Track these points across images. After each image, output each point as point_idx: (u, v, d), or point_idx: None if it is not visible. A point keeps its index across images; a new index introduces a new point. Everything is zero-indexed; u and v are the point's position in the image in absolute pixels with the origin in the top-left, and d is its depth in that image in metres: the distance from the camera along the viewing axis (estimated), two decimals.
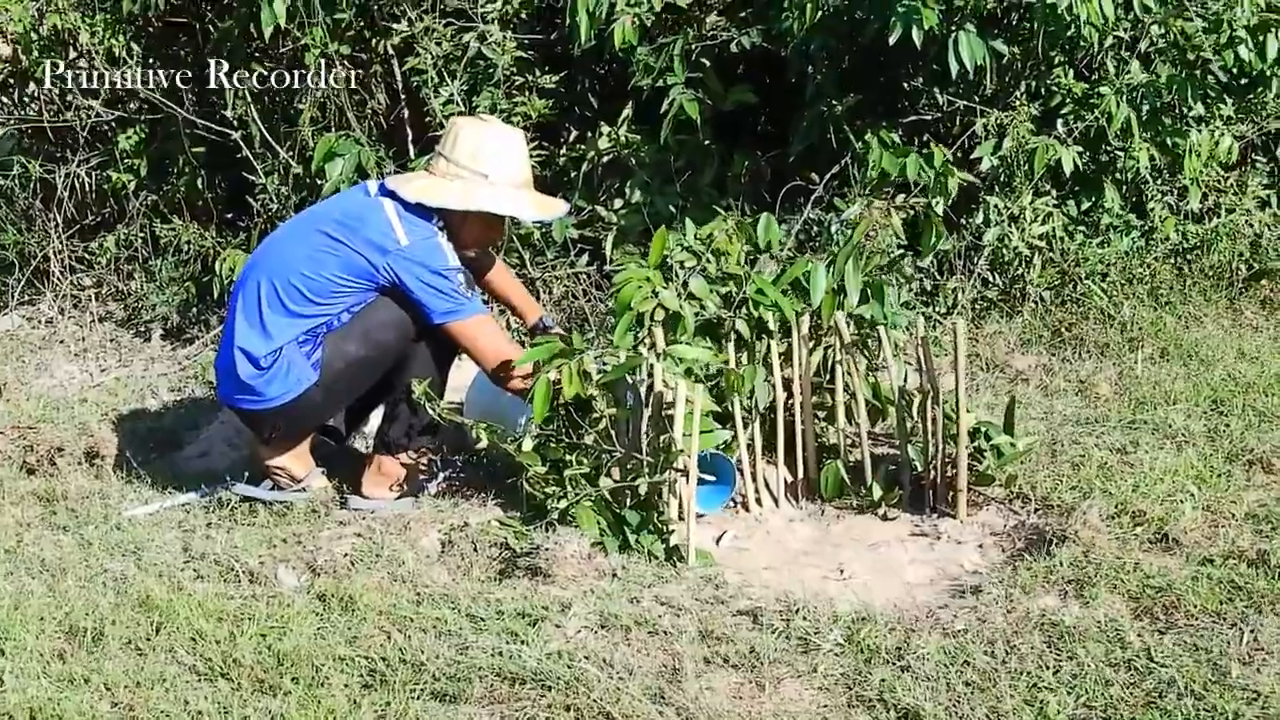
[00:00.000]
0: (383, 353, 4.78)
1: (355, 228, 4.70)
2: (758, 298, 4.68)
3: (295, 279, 4.71)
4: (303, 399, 4.78)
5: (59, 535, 4.72)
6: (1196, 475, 4.66)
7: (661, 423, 4.38)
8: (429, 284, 4.65)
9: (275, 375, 4.74)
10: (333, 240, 4.70)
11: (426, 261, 4.65)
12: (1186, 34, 6.30)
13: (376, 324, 4.75)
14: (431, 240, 4.69)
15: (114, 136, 7.54)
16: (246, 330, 4.78)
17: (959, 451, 4.54)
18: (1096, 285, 6.27)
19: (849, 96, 6.32)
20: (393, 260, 4.65)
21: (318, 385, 4.76)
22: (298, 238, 4.83)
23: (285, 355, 4.73)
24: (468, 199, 4.72)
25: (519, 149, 4.87)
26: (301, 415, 4.85)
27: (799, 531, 4.68)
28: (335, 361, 4.76)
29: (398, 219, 4.70)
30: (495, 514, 4.65)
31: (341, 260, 4.68)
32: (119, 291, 7.69)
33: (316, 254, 4.71)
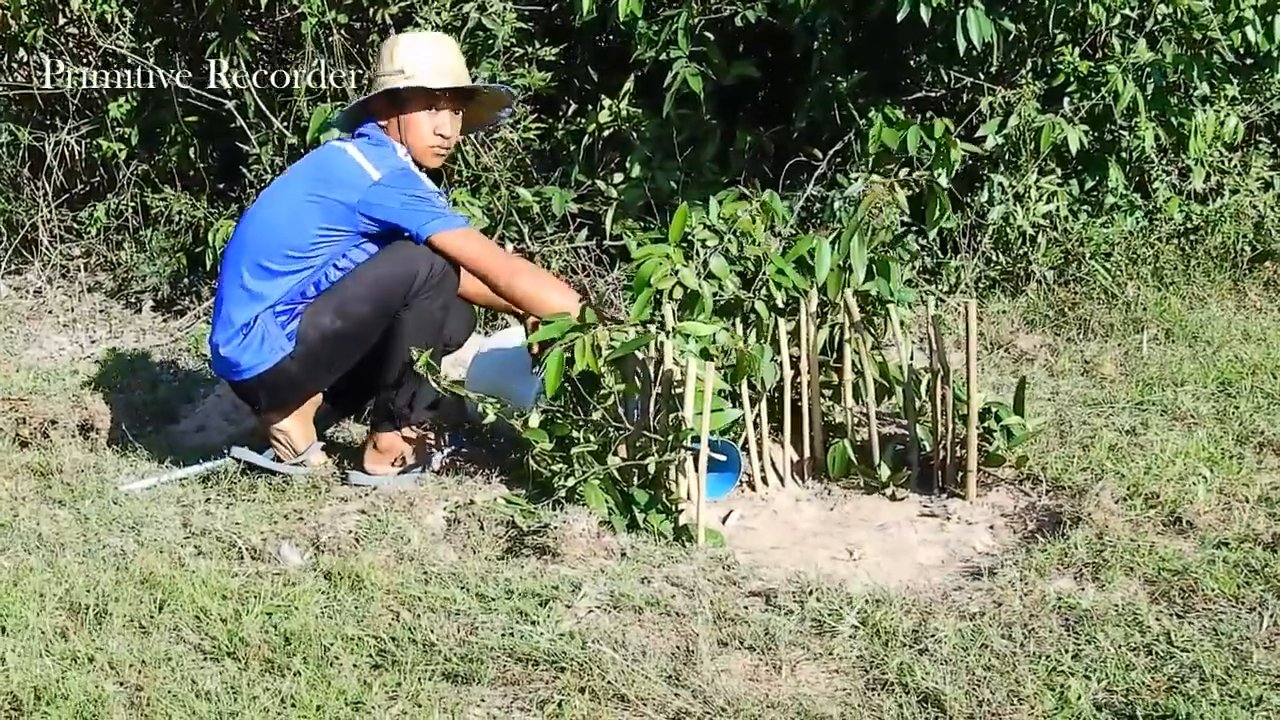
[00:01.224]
0: (359, 325, 4.72)
1: (327, 176, 4.70)
2: (778, 278, 4.63)
3: (278, 240, 4.69)
4: (278, 371, 4.73)
5: (55, 510, 4.66)
6: (1208, 457, 4.62)
7: (671, 401, 4.32)
8: (408, 205, 4.63)
9: (249, 345, 4.71)
10: (311, 196, 4.68)
11: (403, 186, 4.65)
12: (1193, 13, 6.25)
13: (351, 296, 4.70)
14: (402, 167, 4.70)
15: (105, 104, 7.46)
16: (232, 301, 4.76)
17: (969, 432, 4.49)
18: (1100, 265, 6.23)
19: (854, 73, 6.26)
20: (370, 194, 4.63)
21: (293, 358, 4.71)
22: (277, 203, 4.80)
23: (261, 323, 4.70)
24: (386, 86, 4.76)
25: (438, 47, 4.90)
26: (280, 388, 4.80)
27: (806, 511, 4.63)
28: (310, 333, 4.71)
29: (363, 156, 4.70)
30: (500, 491, 4.59)
31: (322, 210, 4.66)
32: (108, 261, 7.64)
33: (298, 212, 4.69)
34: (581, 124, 6.68)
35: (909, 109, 6.41)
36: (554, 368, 4.33)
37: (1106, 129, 6.46)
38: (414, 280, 4.66)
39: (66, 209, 7.74)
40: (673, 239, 4.60)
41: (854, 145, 6.27)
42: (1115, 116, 6.31)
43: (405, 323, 4.72)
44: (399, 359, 4.71)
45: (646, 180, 6.50)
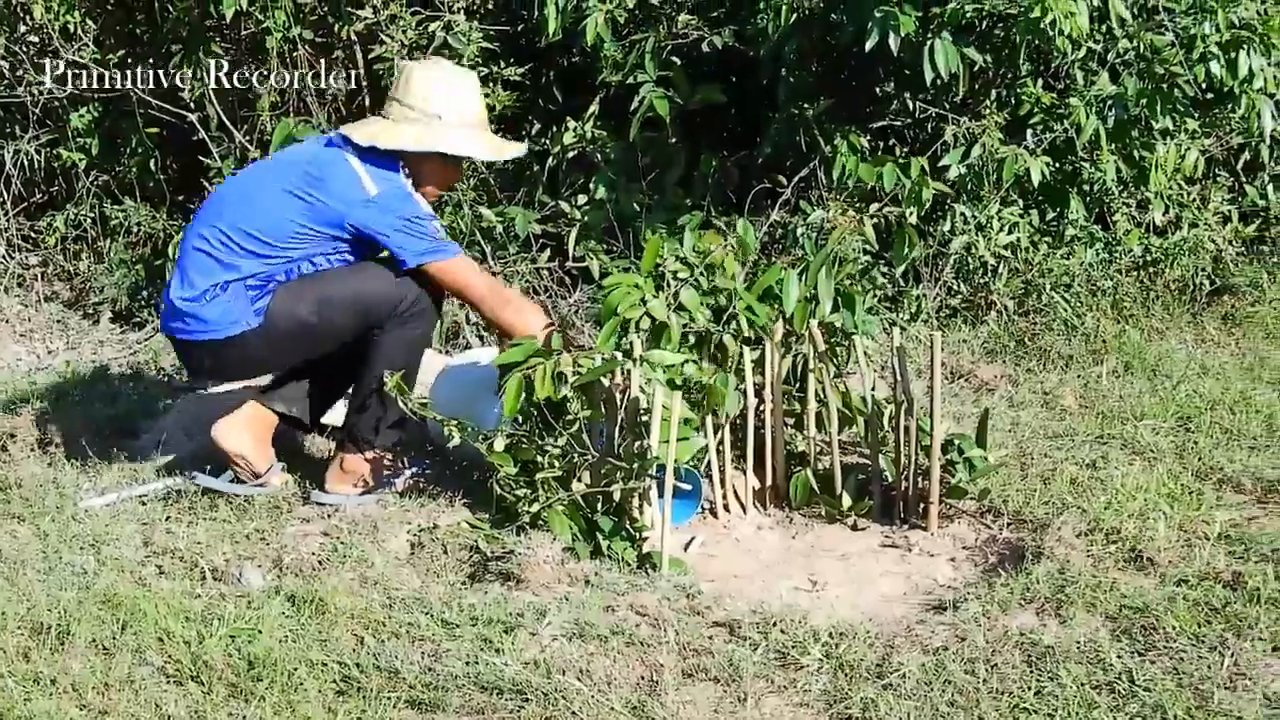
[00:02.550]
0: (331, 329, 4.70)
1: (320, 180, 4.64)
2: (748, 315, 4.64)
3: (254, 226, 4.63)
4: (236, 341, 4.66)
5: (14, 525, 4.63)
6: (1168, 493, 4.65)
7: (637, 428, 4.33)
8: (403, 229, 4.61)
9: (213, 305, 4.63)
10: (297, 193, 4.63)
11: (399, 210, 4.62)
12: (1156, 47, 6.30)
13: (333, 297, 4.67)
14: (401, 189, 4.66)
15: (66, 114, 7.42)
16: (196, 265, 4.68)
17: (932, 464, 4.51)
18: (1061, 296, 6.27)
19: (819, 100, 6.29)
20: (363, 211, 4.61)
21: (255, 333, 4.65)
22: (258, 187, 4.74)
23: (231, 290, 4.64)
24: (421, 140, 4.69)
25: (472, 89, 4.83)
26: (231, 359, 4.75)
27: (768, 540, 4.64)
28: (281, 317, 4.66)
29: (364, 170, 4.65)
30: (464, 515, 4.58)
31: (307, 209, 4.62)
32: (66, 272, 7.59)
33: (279, 204, 4.64)
34: (546, 145, 6.68)
35: (873, 137, 6.44)
36: (513, 392, 4.34)
37: (1068, 160, 6.50)
38: (397, 304, 4.66)
39: (24, 218, 7.69)
40: (644, 269, 4.61)
41: (818, 172, 6.29)
42: (1077, 149, 6.35)
43: (382, 345, 4.70)
44: (372, 381, 4.69)
45: (610, 202, 6.50)
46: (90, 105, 7.41)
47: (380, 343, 4.71)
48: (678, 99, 6.40)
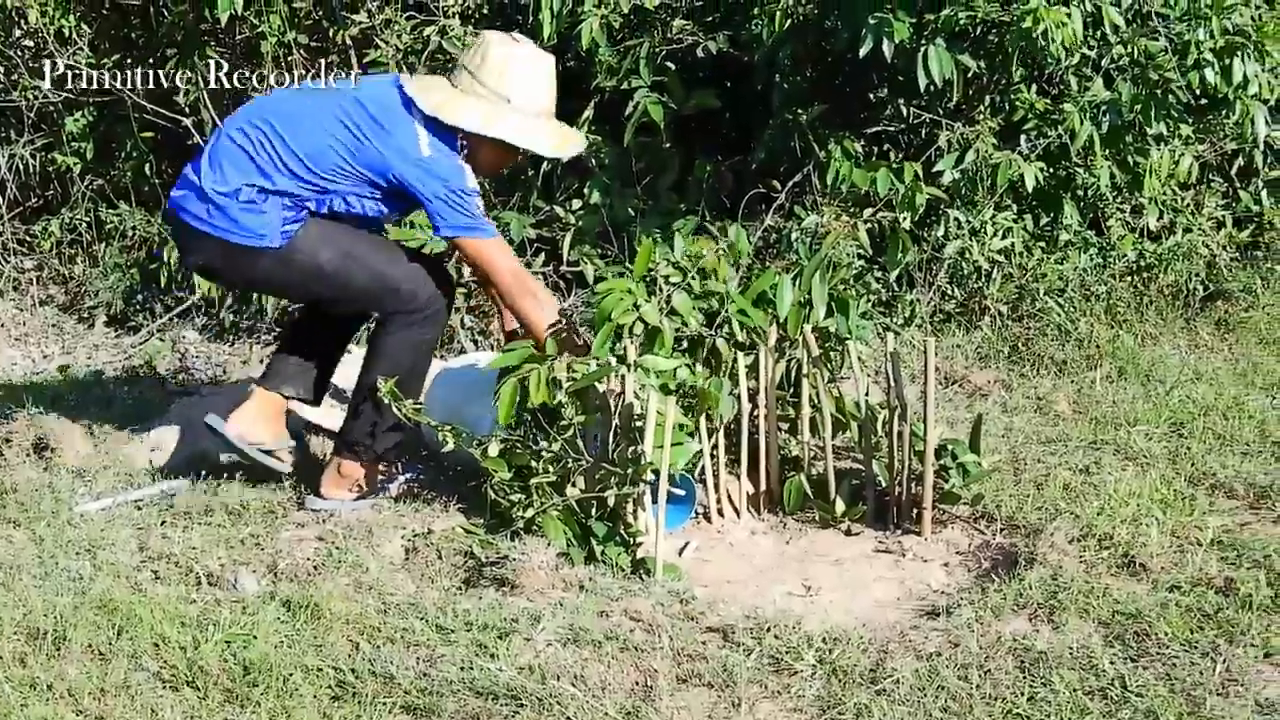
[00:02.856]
0: (338, 287, 4.70)
1: (380, 127, 4.60)
2: (740, 318, 4.65)
3: (299, 147, 4.60)
4: (251, 252, 4.63)
5: (10, 530, 4.64)
6: (1160, 499, 4.66)
7: (631, 434, 4.34)
8: (446, 199, 4.58)
9: (249, 212, 4.59)
10: (351, 129, 4.60)
11: (448, 179, 4.58)
12: (1150, 53, 6.32)
13: (359, 267, 4.67)
14: (454, 160, 4.61)
15: (61, 118, 7.43)
16: (231, 156, 4.63)
17: (925, 470, 4.53)
18: (1054, 301, 6.28)
19: (814, 106, 6.31)
20: (412, 168, 4.57)
21: (272, 254, 4.63)
22: (313, 111, 4.67)
23: (270, 204, 4.60)
24: (488, 123, 4.64)
25: (547, 75, 4.78)
26: (235, 266, 4.72)
27: (762, 544, 4.65)
28: (301, 251, 4.65)
29: (423, 131, 4.60)
30: (458, 520, 4.59)
31: (355, 147, 4.60)
32: (60, 275, 7.60)
33: (329, 134, 4.60)
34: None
35: (867, 142, 6.46)
36: (508, 397, 4.35)
37: (1062, 166, 6.52)
38: (410, 300, 4.67)
39: (19, 222, 7.70)
40: (636, 274, 4.62)
41: (812, 177, 6.31)
42: (1071, 154, 6.37)
43: (386, 346, 4.72)
44: (370, 385, 4.70)
45: (605, 207, 6.52)
46: (85, 109, 7.42)
47: (384, 344, 4.71)
48: (672, 104, 6.42)
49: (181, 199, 4.72)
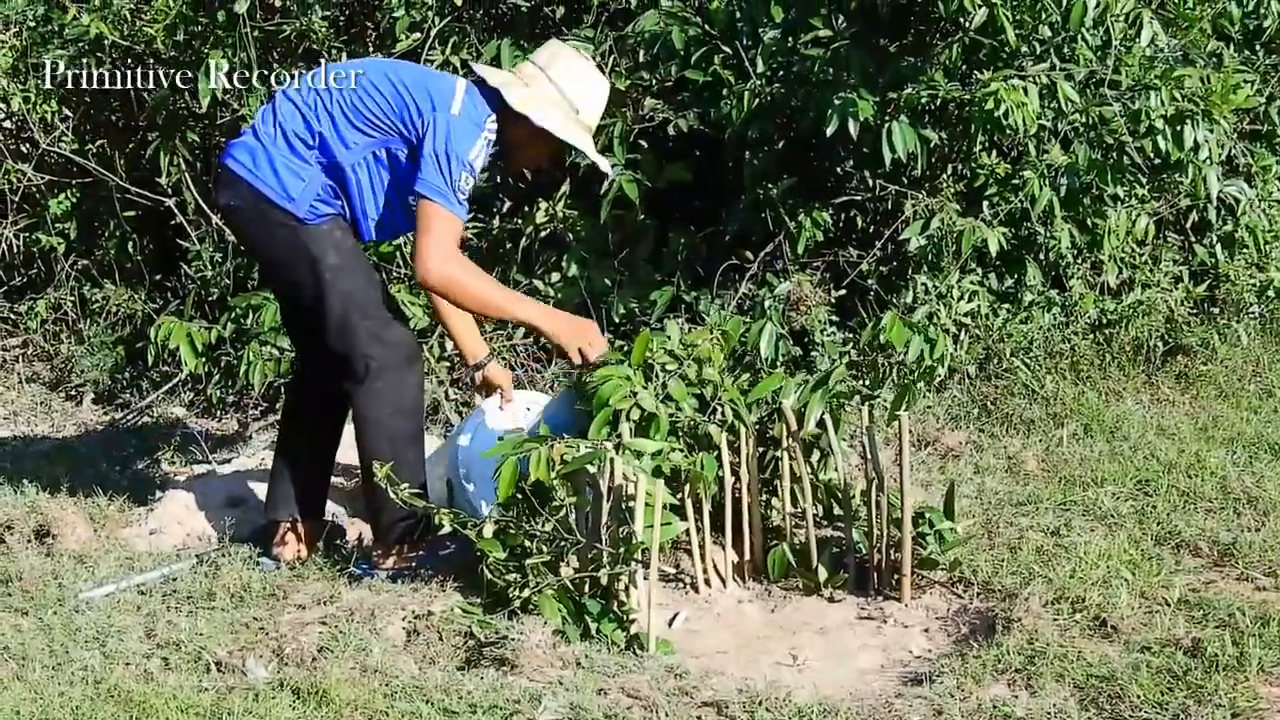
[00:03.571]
0: (320, 301, 4.85)
1: (424, 83, 4.83)
2: (731, 405, 4.84)
3: (348, 97, 4.82)
4: (275, 211, 4.83)
5: (18, 619, 4.74)
6: (1129, 560, 4.84)
7: (621, 514, 4.51)
8: (439, 157, 4.71)
9: (288, 166, 4.81)
10: (397, 83, 4.82)
11: (455, 139, 4.73)
12: (1104, 118, 6.54)
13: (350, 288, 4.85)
14: (475, 129, 4.78)
15: (45, 200, 7.57)
16: (286, 112, 4.87)
17: (904, 538, 4.70)
18: (1021, 361, 6.48)
19: (784, 179, 6.51)
20: (432, 117, 4.74)
21: (293, 226, 4.84)
22: (368, 69, 4.93)
23: (312, 172, 4.82)
24: (565, 129, 4.89)
25: (605, 98, 5.05)
26: (258, 218, 4.89)
27: (748, 613, 4.81)
28: (316, 241, 4.84)
29: (463, 94, 4.81)
30: (456, 599, 4.74)
31: (397, 96, 4.79)
32: (45, 353, 7.72)
33: (379, 85, 4.82)
34: (519, 224, 6.86)
35: (835, 212, 6.66)
36: (507, 477, 4.52)
37: (1023, 228, 6.72)
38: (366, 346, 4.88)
39: (4, 300, 7.83)
40: (634, 362, 4.81)
41: (784, 247, 6.51)
42: (1032, 217, 6.58)
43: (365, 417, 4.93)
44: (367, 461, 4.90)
45: (582, 279, 6.70)
46: (69, 191, 7.56)
47: (361, 416, 4.94)
48: (646, 180, 6.60)
49: (234, 146, 4.95)
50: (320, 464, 5.29)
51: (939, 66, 6.31)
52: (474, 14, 6.78)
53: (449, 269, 4.73)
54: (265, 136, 4.85)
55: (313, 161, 4.82)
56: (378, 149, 4.83)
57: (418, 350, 5.05)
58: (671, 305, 6.63)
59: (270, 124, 4.86)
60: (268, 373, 6.73)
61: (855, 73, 6.15)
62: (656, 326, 6.12)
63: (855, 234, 6.89)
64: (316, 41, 6.78)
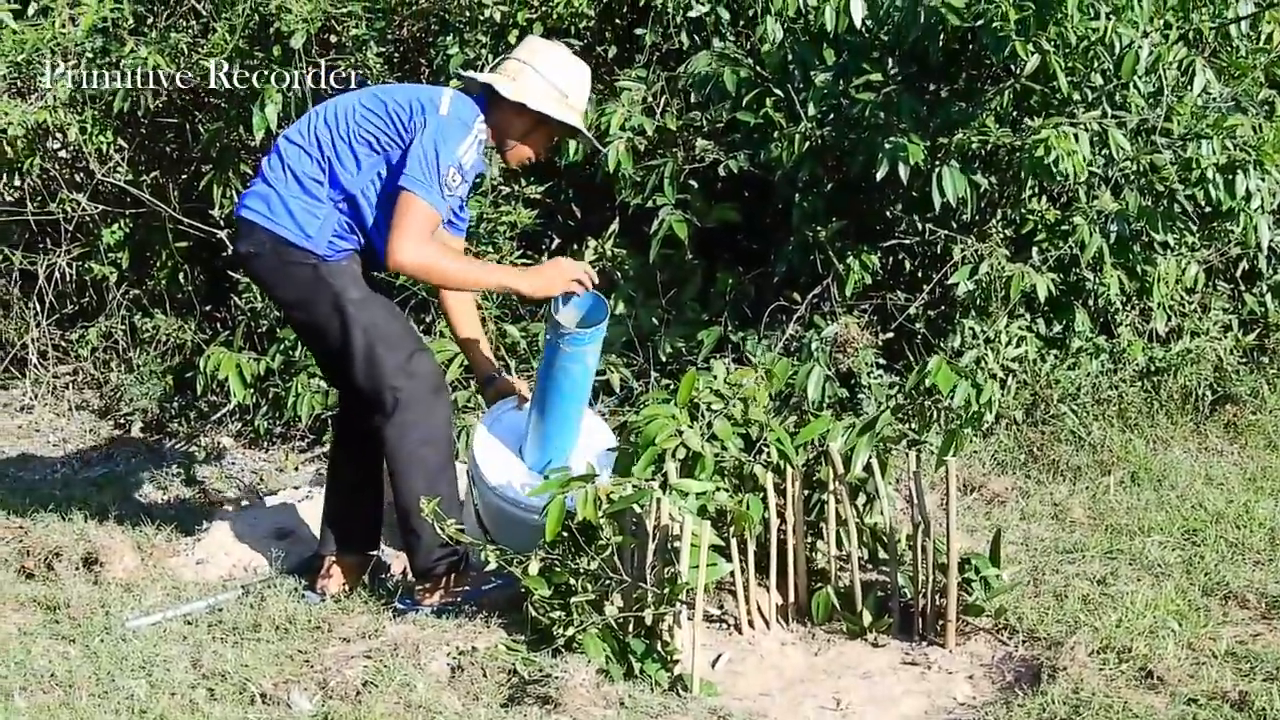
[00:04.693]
0: (344, 337, 4.92)
1: (411, 91, 4.97)
2: (778, 445, 4.85)
3: (341, 124, 4.91)
4: (293, 251, 4.89)
5: (65, 646, 4.77)
6: (1176, 610, 4.82)
7: (667, 554, 4.52)
8: (425, 151, 4.79)
9: (303, 206, 4.89)
10: (385, 98, 4.93)
11: (441, 135, 4.81)
12: (1155, 166, 6.53)
13: (371, 323, 4.92)
14: (464, 127, 4.85)
15: (98, 230, 7.63)
16: (289, 152, 4.96)
17: (950, 584, 4.70)
18: (1068, 407, 6.46)
19: (832, 222, 6.52)
20: (421, 119, 4.83)
21: (311, 265, 4.90)
22: (357, 95, 5.03)
23: (326, 209, 4.90)
24: (562, 113, 4.98)
25: (588, 83, 5.16)
26: (277, 260, 4.94)
27: (792, 656, 4.81)
28: (337, 277, 4.92)
29: (450, 97, 4.90)
30: (500, 635, 4.75)
31: (386, 111, 4.88)
32: (95, 380, 7.77)
33: (368, 104, 4.92)
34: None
35: (884, 255, 6.66)
36: (554, 515, 4.54)
37: (1072, 274, 6.71)
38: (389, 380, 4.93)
39: (55, 328, 7.89)
40: (680, 402, 4.83)
41: (831, 289, 6.53)
42: (1082, 264, 6.58)
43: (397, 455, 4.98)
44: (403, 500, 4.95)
45: (630, 318, 6.72)
46: (121, 221, 7.61)
47: (393, 454, 4.98)
48: (695, 220, 6.63)
49: (247, 196, 5.02)
50: (367, 498, 5.32)
51: (989, 112, 6.31)
52: None
53: (421, 252, 4.78)
54: (276, 181, 4.93)
55: (325, 198, 4.90)
56: (381, 168, 4.90)
57: (444, 381, 5.12)
58: (718, 345, 6.65)
59: (279, 168, 4.94)
60: (315, 405, 6.78)
61: (906, 117, 6.17)
62: (703, 366, 6.12)
63: (903, 277, 6.89)
64: (370, 77, 6.82)
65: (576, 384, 5.06)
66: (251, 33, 6.86)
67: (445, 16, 6.83)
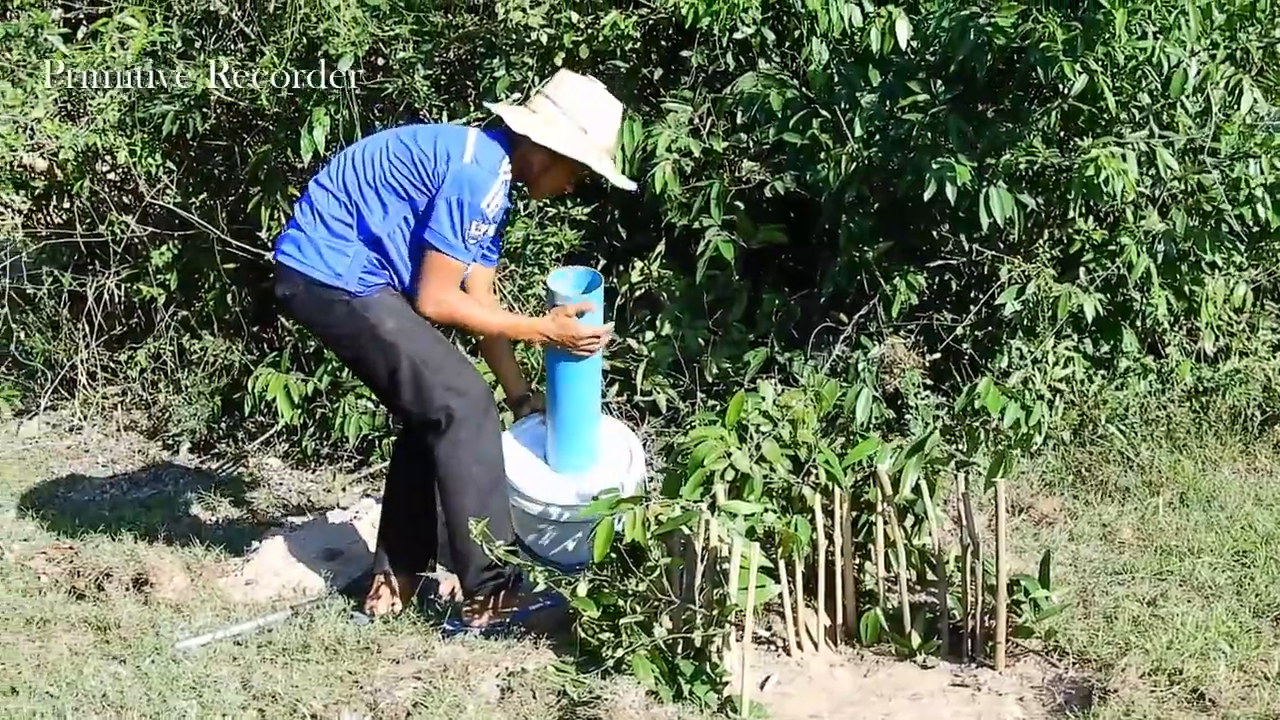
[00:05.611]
0: (391, 363, 5.00)
1: (435, 138, 5.00)
2: (826, 467, 4.86)
3: (368, 170, 4.98)
4: (327, 290, 4.98)
5: (116, 667, 4.81)
6: (1227, 632, 4.80)
7: (716, 576, 4.52)
8: (450, 207, 4.89)
9: (331, 248, 4.98)
10: (410, 144, 4.98)
11: (467, 189, 4.89)
12: (1203, 186, 6.51)
13: (415, 348, 4.99)
14: (490, 176, 4.91)
15: (146, 251, 7.68)
16: (318, 197, 5.05)
17: (999, 606, 4.69)
18: (1116, 427, 6.43)
19: (879, 243, 6.52)
20: (446, 170, 4.89)
21: (346, 301, 4.98)
22: (383, 139, 5.09)
23: (355, 247, 4.98)
24: (573, 148, 4.99)
25: (617, 119, 5.18)
26: (314, 302, 5.04)
27: (840, 678, 4.81)
28: (373, 310, 5.00)
29: (474, 141, 4.96)
30: (549, 656, 4.76)
31: (411, 158, 4.94)
32: (143, 401, 7.81)
33: (394, 151, 4.98)
34: (614, 283, 6.90)
35: (930, 275, 6.65)
36: (603, 536, 4.55)
37: (1120, 294, 6.69)
38: (441, 398, 4.99)
39: (104, 349, 7.93)
40: (729, 423, 4.84)
41: (878, 309, 6.52)
42: (1129, 284, 6.56)
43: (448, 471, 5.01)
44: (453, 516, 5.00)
45: (676, 338, 6.73)
46: (170, 243, 7.66)
47: (444, 470, 5.01)
48: (741, 241, 6.64)
49: (281, 240, 5.13)
50: (421, 518, 5.33)
51: (1037, 132, 6.30)
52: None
53: (444, 305, 4.99)
54: (306, 225, 5.03)
55: (353, 239, 4.98)
56: (407, 213, 4.98)
57: (493, 400, 5.14)
58: (765, 366, 6.65)
59: (310, 214, 5.04)
60: (362, 425, 6.82)
61: (953, 137, 6.16)
62: (750, 387, 6.12)
63: (950, 298, 6.87)
64: (418, 100, 6.86)
65: (583, 368, 5.18)
66: (299, 56, 6.89)
67: (492, 39, 6.84)
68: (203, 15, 7.22)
